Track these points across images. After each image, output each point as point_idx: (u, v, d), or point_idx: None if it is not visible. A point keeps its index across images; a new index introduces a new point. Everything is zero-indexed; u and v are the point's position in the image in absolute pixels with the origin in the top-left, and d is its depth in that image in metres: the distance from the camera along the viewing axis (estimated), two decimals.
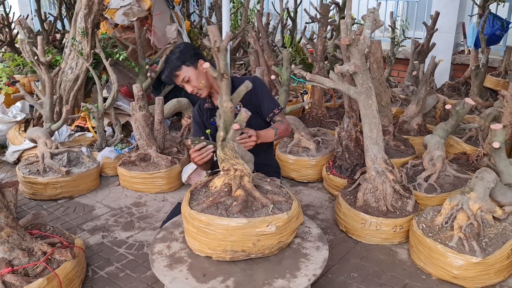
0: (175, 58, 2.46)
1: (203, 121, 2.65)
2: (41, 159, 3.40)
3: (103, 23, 4.57)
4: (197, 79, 2.45)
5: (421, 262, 2.54)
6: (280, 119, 2.61)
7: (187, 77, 2.45)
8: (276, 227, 1.93)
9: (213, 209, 1.97)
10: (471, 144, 3.91)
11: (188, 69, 2.45)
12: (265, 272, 1.93)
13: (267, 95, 2.63)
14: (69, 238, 2.50)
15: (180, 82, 2.48)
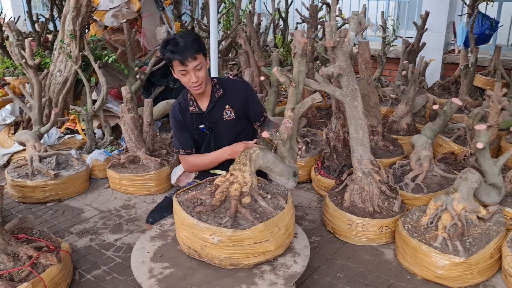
0: (193, 41, 2.29)
1: (185, 122, 2.57)
2: (30, 162, 3.40)
3: (92, 25, 4.57)
4: (206, 72, 2.38)
5: (407, 262, 2.56)
6: (269, 121, 2.67)
7: (200, 66, 2.31)
8: (219, 240, 1.91)
9: (189, 202, 2.07)
10: (459, 143, 3.93)
11: (203, 58, 2.34)
12: (206, 277, 1.94)
13: (256, 99, 2.63)
14: (55, 242, 2.50)
15: (191, 67, 2.29)
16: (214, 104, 2.51)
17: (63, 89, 4.03)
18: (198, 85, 2.36)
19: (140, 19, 4.53)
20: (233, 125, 2.57)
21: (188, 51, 2.24)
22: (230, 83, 2.60)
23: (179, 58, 2.25)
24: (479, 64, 5.29)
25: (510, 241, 2.47)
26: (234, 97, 2.53)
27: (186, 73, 2.31)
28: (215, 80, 2.53)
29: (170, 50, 2.27)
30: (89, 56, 3.79)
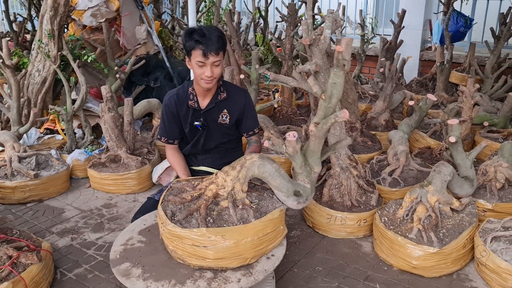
0: (219, 37, 2.28)
1: (178, 114, 2.56)
2: (9, 162, 3.38)
3: (71, 25, 4.54)
4: (221, 70, 2.38)
5: (383, 254, 2.64)
6: (256, 140, 2.67)
7: (219, 62, 2.31)
8: (163, 230, 2.00)
9: (177, 190, 2.18)
10: (435, 138, 4.02)
11: (223, 56, 2.35)
12: (159, 260, 2.04)
13: (252, 112, 2.62)
14: (36, 242, 2.50)
15: (210, 61, 2.27)
16: (214, 104, 2.51)
17: (42, 89, 4.01)
18: (211, 80, 2.34)
19: (119, 18, 4.52)
20: (225, 129, 2.59)
21: (213, 45, 2.24)
22: (233, 89, 2.60)
23: (203, 49, 2.23)
24: (454, 61, 5.42)
25: (482, 232, 2.56)
26: (233, 104, 2.54)
27: (204, 65, 2.29)
28: (221, 83, 2.54)
29: (196, 40, 2.24)
30: (68, 55, 3.78)
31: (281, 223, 2.14)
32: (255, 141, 2.66)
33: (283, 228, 2.16)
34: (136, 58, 4.19)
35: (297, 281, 2.47)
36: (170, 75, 4.74)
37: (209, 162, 2.74)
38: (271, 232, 2.06)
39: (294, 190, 2.09)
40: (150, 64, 4.64)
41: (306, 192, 2.13)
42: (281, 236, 2.15)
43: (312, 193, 2.18)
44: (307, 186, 2.15)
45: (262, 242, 2.01)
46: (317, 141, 2.07)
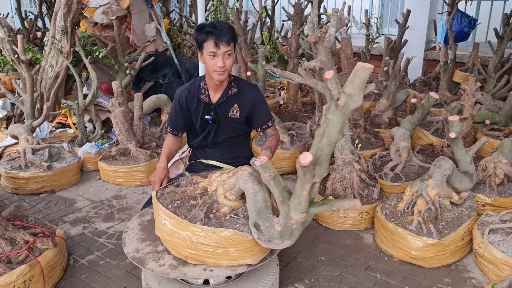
0: (229, 29, 2.35)
1: (189, 109, 2.64)
2: (23, 154, 3.50)
3: (82, 22, 4.66)
4: (232, 63, 2.44)
5: (384, 245, 2.72)
6: (271, 132, 2.72)
7: (230, 53, 2.37)
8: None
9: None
10: (437, 136, 4.11)
11: (233, 49, 2.40)
12: None
13: (263, 107, 2.67)
14: (50, 229, 2.61)
15: (222, 51, 2.33)
16: (225, 99, 2.58)
17: (54, 84, 4.13)
18: (223, 71, 2.39)
19: (129, 16, 4.63)
20: (235, 124, 2.68)
21: (224, 35, 2.31)
22: (244, 85, 2.66)
23: (214, 38, 2.30)
24: (458, 61, 5.49)
25: (480, 224, 2.64)
26: (244, 99, 2.61)
27: (216, 56, 2.35)
28: (232, 78, 2.61)
29: (207, 31, 2.33)
30: (80, 51, 3.89)
31: (233, 247, 1.94)
32: (270, 134, 2.71)
33: (239, 255, 1.96)
34: (145, 55, 4.30)
35: (301, 269, 2.56)
36: (178, 72, 4.85)
37: (217, 155, 2.82)
38: (217, 249, 1.94)
39: (254, 221, 1.89)
40: (159, 61, 4.76)
41: (269, 232, 1.86)
42: (233, 260, 1.97)
43: (280, 240, 1.86)
44: (275, 227, 1.86)
45: (203, 252, 1.96)
46: (300, 184, 1.76)
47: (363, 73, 1.43)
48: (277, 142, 2.74)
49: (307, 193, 1.75)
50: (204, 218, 1.98)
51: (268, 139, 2.73)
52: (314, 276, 2.50)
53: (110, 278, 2.50)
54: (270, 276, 2.25)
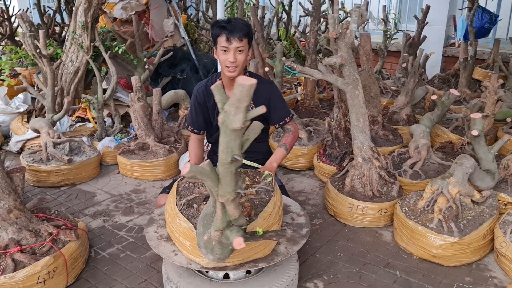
0: (244, 25, 2.38)
1: (206, 105, 2.67)
2: (44, 148, 3.55)
3: (102, 17, 4.70)
4: (245, 58, 2.44)
5: (404, 243, 2.71)
6: (289, 128, 2.72)
7: (242, 49, 2.39)
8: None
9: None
10: (457, 133, 4.06)
11: (247, 45, 2.42)
12: None
13: (279, 103, 2.67)
14: (72, 221, 2.65)
15: (233, 47, 2.36)
16: None
17: (74, 78, 4.18)
18: (234, 67, 2.41)
19: (148, 11, 4.66)
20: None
21: (237, 31, 2.34)
22: (260, 81, 2.63)
23: (226, 33, 2.33)
24: (478, 57, 5.41)
25: (502, 223, 2.61)
26: (259, 96, 2.60)
27: (227, 51, 2.38)
28: (247, 74, 2.64)
29: (220, 26, 2.37)
30: (100, 46, 3.93)
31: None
32: (288, 130, 2.72)
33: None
34: (164, 50, 4.32)
35: (319, 265, 2.57)
36: (196, 67, 4.87)
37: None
38: None
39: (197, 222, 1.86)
40: (176, 56, 4.78)
41: (199, 238, 1.83)
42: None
43: (204, 250, 1.82)
44: (203, 236, 1.79)
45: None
46: (212, 200, 1.70)
47: (239, 91, 1.26)
48: (294, 138, 2.74)
49: (220, 211, 1.65)
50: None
51: (285, 136, 2.73)
52: (333, 272, 2.50)
53: (130, 271, 2.53)
54: (290, 272, 2.25)
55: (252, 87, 1.23)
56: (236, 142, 1.36)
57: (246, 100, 1.24)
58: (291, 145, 2.72)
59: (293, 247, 2.13)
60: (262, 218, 2.00)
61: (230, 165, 1.41)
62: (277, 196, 2.14)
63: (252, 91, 1.24)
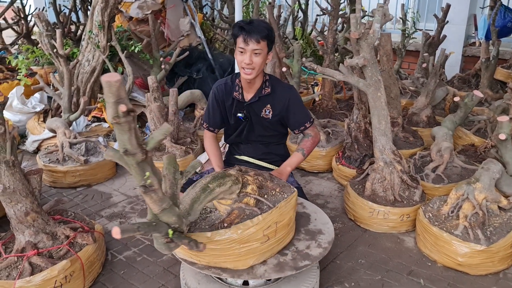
0: (264, 28, 2.32)
1: (224, 104, 2.62)
2: (61, 148, 3.53)
3: (118, 16, 4.67)
4: (263, 61, 2.39)
5: (427, 250, 2.63)
6: (309, 133, 2.65)
7: (259, 51, 2.33)
8: None
9: None
10: (479, 136, 3.96)
11: (266, 48, 2.36)
12: None
13: (299, 108, 2.60)
14: (89, 224, 2.62)
15: (250, 48, 2.31)
16: (258, 98, 2.55)
17: (90, 78, 4.16)
18: (250, 69, 2.37)
19: (164, 11, 4.62)
20: (267, 123, 2.64)
21: (255, 33, 2.29)
22: (279, 85, 2.61)
23: (244, 34, 2.29)
24: (500, 57, 5.27)
25: None
26: (277, 100, 2.57)
27: (244, 52, 2.33)
28: (267, 77, 2.57)
29: (240, 26, 2.33)
30: (116, 46, 3.90)
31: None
32: (308, 134, 2.66)
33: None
34: (180, 49, 4.28)
35: (340, 272, 2.50)
36: (212, 67, 4.83)
37: (250, 151, 2.81)
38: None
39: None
40: (192, 56, 4.74)
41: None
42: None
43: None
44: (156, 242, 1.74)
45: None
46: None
47: (106, 88, 1.28)
48: (313, 143, 2.67)
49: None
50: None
51: (304, 140, 2.67)
52: (354, 279, 2.43)
53: (147, 275, 2.49)
54: (311, 279, 2.20)
55: (117, 83, 1.26)
56: (123, 136, 1.39)
57: (112, 97, 1.28)
58: (309, 151, 2.65)
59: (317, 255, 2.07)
60: (237, 229, 1.93)
61: (126, 156, 1.44)
62: (274, 214, 2.01)
63: (118, 87, 1.27)
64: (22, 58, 4.35)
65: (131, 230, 1.54)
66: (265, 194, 2.18)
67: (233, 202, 2.08)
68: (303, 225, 2.27)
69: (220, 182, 1.98)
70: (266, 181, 2.26)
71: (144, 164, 1.51)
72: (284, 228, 2.08)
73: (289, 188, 2.17)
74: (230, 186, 2.02)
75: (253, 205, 2.07)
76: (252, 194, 2.11)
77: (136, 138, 1.42)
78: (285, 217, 2.07)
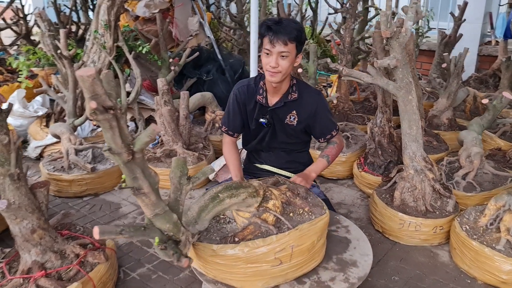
0: (295, 29, 2.12)
1: (245, 107, 2.42)
2: (66, 155, 3.33)
3: (123, 16, 4.47)
4: (290, 64, 2.19)
5: (465, 266, 2.44)
6: (334, 140, 2.47)
7: (286, 54, 2.13)
8: None
9: None
10: (505, 139, 3.78)
11: (294, 51, 2.17)
12: None
13: (326, 115, 2.41)
14: (99, 239, 2.42)
15: (276, 51, 2.11)
16: (283, 104, 2.35)
17: None
18: (275, 72, 2.18)
19: (172, 9, 4.41)
20: (291, 130, 2.44)
21: (282, 34, 2.09)
22: (306, 90, 2.41)
23: (270, 35, 2.10)
24: None
25: None
26: (304, 106, 2.37)
27: (270, 54, 2.15)
28: (294, 81, 2.37)
29: (268, 25, 2.13)
30: (123, 46, 3.69)
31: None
32: (333, 142, 2.47)
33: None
34: (190, 50, 4.07)
35: None
36: (222, 68, 4.62)
37: (272, 160, 2.61)
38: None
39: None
40: (201, 57, 4.53)
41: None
42: None
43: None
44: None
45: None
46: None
47: (81, 83, 1.25)
48: (338, 151, 2.48)
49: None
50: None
51: (329, 147, 2.48)
52: None
53: None
54: None
55: (90, 78, 1.22)
56: (106, 134, 1.36)
57: (87, 92, 1.25)
58: (333, 158, 2.47)
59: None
60: (245, 246, 1.77)
61: (112, 156, 1.41)
62: (290, 236, 1.81)
63: (91, 82, 1.23)
64: (23, 59, 4.14)
65: (113, 232, 1.47)
66: (291, 212, 2.00)
67: (251, 216, 1.91)
68: (338, 253, 2.04)
69: (231, 193, 1.83)
70: (295, 197, 2.06)
71: (132, 165, 1.46)
72: (303, 254, 1.88)
73: (320, 210, 1.97)
74: (244, 199, 1.86)
75: (272, 222, 1.89)
76: (272, 211, 1.93)
77: (121, 137, 1.38)
78: (305, 241, 1.86)
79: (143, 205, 1.56)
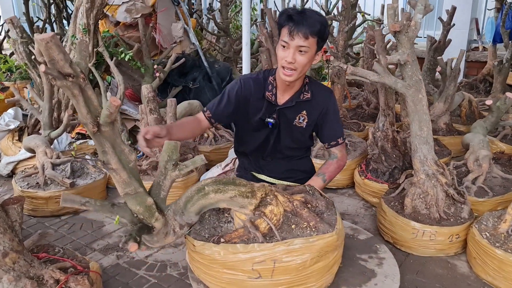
0: (318, 22, 1.91)
1: (248, 100, 2.15)
2: (41, 170, 3.02)
3: (102, 22, 4.20)
4: (308, 62, 1.98)
5: (489, 277, 2.23)
6: (336, 153, 2.23)
7: (305, 49, 1.92)
8: None
9: None
10: (506, 143, 3.65)
11: (315, 46, 1.96)
12: None
13: (336, 119, 2.21)
14: (82, 261, 2.13)
15: (294, 44, 1.90)
16: (294, 103, 2.13)
17: None
18: (291, 69, 1.96)
19: (154, 15, 4.18)
20: (298, 134, 2.21)
21: (304, 26, 1.87)
22: (318, 88, 2.19)
23: (290, 26, 1.89)
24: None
25: None
26: (315, 106, 2.15)
27: (287, 47, 1.93)
28: (307, 80, 2.16)
29: (289, 15, 1.90)
30: (104, 52, 3.43)
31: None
32: (334, 155, 2.23)
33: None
34: (175, 56, 3.83)
35: None
36: (209, 75, 4.38)
37: (270, 169, 2.37)
38: None
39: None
40: (186, 64, 4.29)
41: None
42: None
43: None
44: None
45: None
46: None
47: (38, 46, 1.25)
48: (337, 168, 2.24)
49: None
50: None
51: (327, 163, 2.23)
52: None
53: None
54: None
55: (44, 42, 1.22)
56: (72, 101, 1.38)
57: (46, 56, 1.25)
58: (331, 176, 2.22)
59: None
60: (222, 248, 1.72)
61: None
62: (273, 249, 1.67)
63: (46, 45, 1.23)
64: None
65: (76, 201, 1.50)
66: (294, 224, 1.80)
67: (247, 219, 1.76)
68: (350, 285, 1.83)
69: (218, 188, 1.68)
70: (303, 208, 1.83)
71: (100, 138, 1.46)
72: (289, 273, 1.68)
73: (327, 228, 1.75)
74: (232, 197, 1.69)
75: (264, 230, 1.72)
76: (267, 217, 1.71)
77: (87, 107, 1.38)
78: (293, 260, 1.67)
79: (115, 181, 1.54)
